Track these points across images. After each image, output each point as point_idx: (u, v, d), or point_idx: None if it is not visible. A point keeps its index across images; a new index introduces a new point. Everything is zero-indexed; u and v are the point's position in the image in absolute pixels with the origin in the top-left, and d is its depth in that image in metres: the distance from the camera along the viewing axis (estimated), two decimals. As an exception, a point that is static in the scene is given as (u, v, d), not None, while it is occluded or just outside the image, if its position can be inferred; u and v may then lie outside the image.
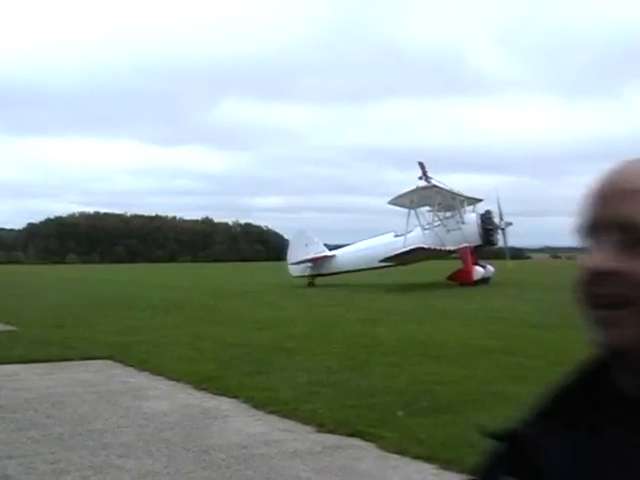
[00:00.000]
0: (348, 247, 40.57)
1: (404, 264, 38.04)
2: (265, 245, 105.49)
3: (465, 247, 35.89)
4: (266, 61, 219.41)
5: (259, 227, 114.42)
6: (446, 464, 6.77)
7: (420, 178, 36.06)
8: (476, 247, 36.88)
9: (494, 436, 1.14)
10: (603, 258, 1.03)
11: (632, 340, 1.00)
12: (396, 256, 35.32)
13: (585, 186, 1.10)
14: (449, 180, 35.96)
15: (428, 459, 6.94)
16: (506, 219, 37.42)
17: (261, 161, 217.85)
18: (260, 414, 8.97)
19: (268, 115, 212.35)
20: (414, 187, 35.56)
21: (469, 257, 35.84)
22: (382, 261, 35.90)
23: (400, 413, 8.59)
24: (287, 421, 8.56)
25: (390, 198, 36.90)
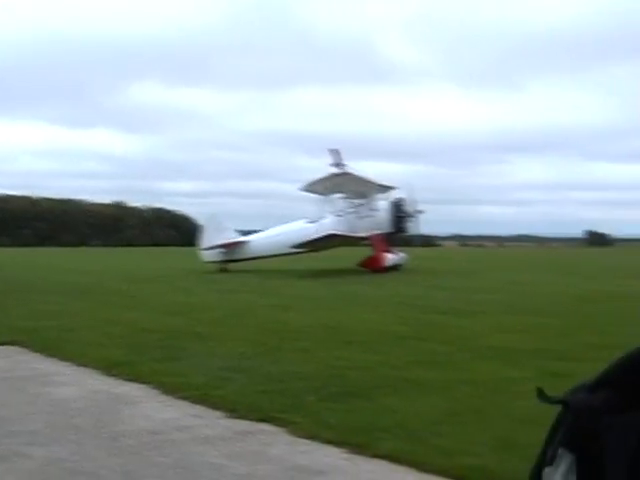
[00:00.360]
0: (261, 233, 40.41)
1: (316, 250, 38.11)
2: (178, 230, 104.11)
3: (377, 234, 36.23)
4: (176, 43, 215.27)
5: (171, 212, 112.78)
6: (357, 448, 6.84)
7: (333, 165, 36.20)
8: (388, 234, 37.28)
9: (551, 400, 1.10)
10: None
11: None
12: (308, 242, 35.37)
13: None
14: (362, 168, 36.11)
15: (339, 444, 6.99)
16: (418, 207, 37.92)
17: (170, 145, 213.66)
18: (171, 400, 8.88)
19: (177, 98, 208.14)
20: (327, 174, 35.66)
21: (381, 244, 36.19)
22: (294, 247, 35.88)
23: (311, 398, 8.64)
24: (198, 407, 8.50)
25: (303, 184, 36.93)
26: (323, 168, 36.53)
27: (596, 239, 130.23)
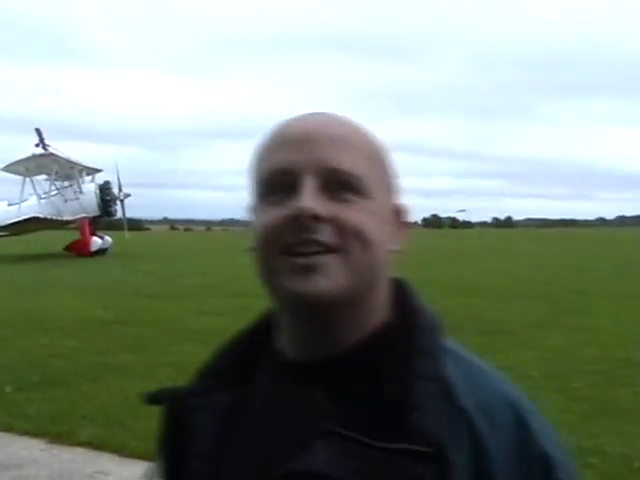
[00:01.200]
0: (-44, 215, 37.61)
1: (18, 234, 36.28)
2: None
3: (83, 217, 35.22)
4: None
5: None
6: (55, 438, 6.73)
7: (37, 145, 34.59)
8: (94, 218, 36.38)
9: (149, 400, 1.13)
10: (310, 203, 0.96)
11: (334, 286, 0.96)
12: (10, 225, 33.58)
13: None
14: (66, 149, 34.82)
15: (36, 434, 6.82)
16: (125, 190, 37.39)
17: None
18: None
19: None
20: (30, 154, 33.99)
21: (87, 228, 35.22)
22: (-6, 230, 33.94)
23: (8, 389, 8.30)
24: None
25: (3, 165, 34.89)
26: (22, 148, 34.78)
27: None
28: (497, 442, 0.96)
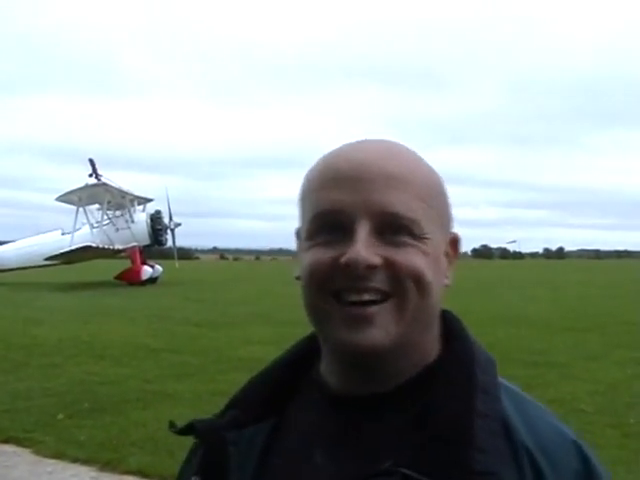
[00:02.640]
0: (11, 244, 38.38)
1: (71, 263, 36.89)
2: None
3: (134, 246, 35.69)
4: None
5: None
6: (105, 465, 6.75)
7: (90, 175, 35.21)
8: (145, 247, 36.85)
9: (177, 430, 1.09)
10: (364, 253, 0.93)
11: (388, 338, 0.95)
12: (63, 254, 34.15)
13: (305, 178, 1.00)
14: (115, 178, 35.27)
15: (86, 462, 6.86)
16: (175, 220, 37.81)
17: None
18: None
19: None
20: (83, 184, 34.62)
21: (137, 257, 35.67)
22: (48, 259, 34.52)
23: (59, 416, 8.40)
24: None
25: (58, 195, 35.56)
26: (71, 177, 35.38)
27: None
28: None
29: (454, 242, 1.06)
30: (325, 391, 1.04)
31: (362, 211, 0.95)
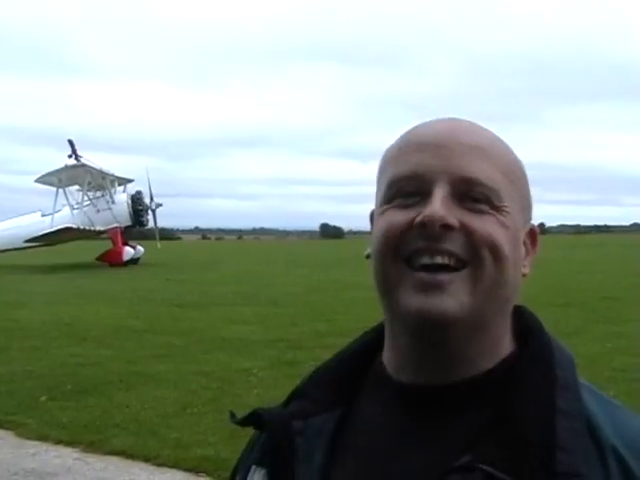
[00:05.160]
0: (-10, 226, 38.04)
1: (52, 244, 36.68)
2: None
3: (115, 227, 35.52)
4: None
5: None
6: (88, 447, 6.78)
7: (70, 156, 34.91)
8: (126, 228, 36.67)
9: (238, 420, 1.06)
10: (441, 210, 0.90)
11: (460, 307, 0.91)
12: (43, 236, 33.93)
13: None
14: (94, 160, 35.02)
15: (69, 443, 6.88)
16: (156, 200, 37.62)
17: None
18: None
19: None
20: (63, 165, 34.35)
21: (119, 238, 35.52)
22: (28, 241, 34.29)
23: (43, 398, 8.38)
24: None
25: (38, 176, 35.26)
26: (46, 159, 35.06)
27: (330, 232, 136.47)
28: None
29: (533, 234, 1.03)
30: (387, 379, 1.01)
31: (442, 175, 0.93)
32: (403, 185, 0.95)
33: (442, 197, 0.91)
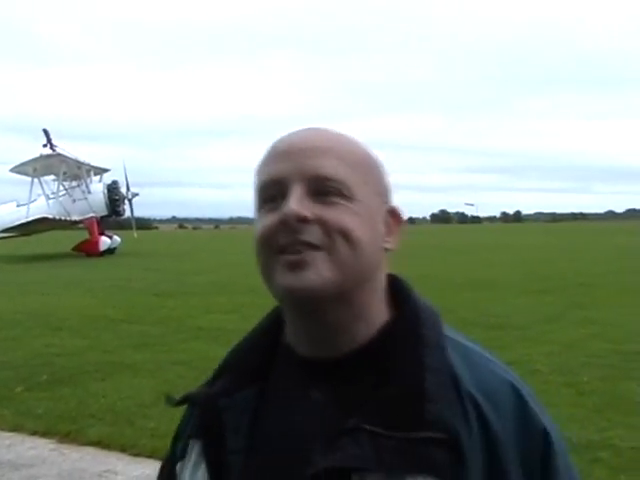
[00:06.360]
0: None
1: (27, 235, 36.43)
2: None
3: (91, 217, 35.32)
4: None
5: None
6: (64, 437, 6.75)
7: (45, 146, 34.65)
8: (102, 217, 36.48)
9: (174, 402, 1.19)
10: (295, 206, 1.04)
11: (322, 280, 1.03)
12: (19, 226, 33.71)
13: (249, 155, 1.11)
14: (70, 149, 34.81)
15: (45, 434, 6.84)
16: (132, 190, 37.40)
17: None
18: None
19: None
20: (38, 155, 34.06)
21: (95, 227, 35.32)
22: (3, 231, 34.06)
23: (18, 389, 8.33)
24: None
25: (12, 166, 34.94)
26: (17, 148, 34.77)
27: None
28: (502, 422, 1.04)
29: (393, 213, 1.15)
30: (292, 355, 1.14)
31: (295, 176, 1.07)
32: (266, 192, 1.10)
33: (297, 195, 1.05)
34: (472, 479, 0.99)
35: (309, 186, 1.06)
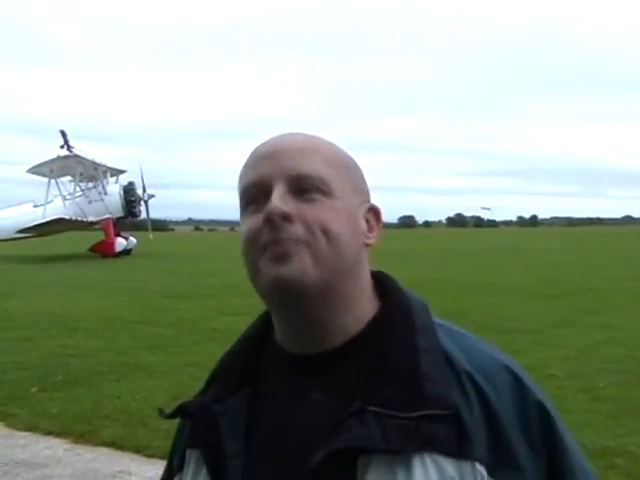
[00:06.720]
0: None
1: (44, 235, 36.59)
2: None
3: (107, 218, 35.45)
4: None
5: None
6: (78, 438, 6.76)
7: (62, 147, 34.81)
8: (118, 219, 36.61)
9: (169, 415, 1.21)
10: (277, 204, 1.08)
11: (305, 272, 1.07)
12: (35, 227, 33.85)
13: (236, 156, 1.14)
14: (86, 150, 34.99)
15: (60, 434, 6.85)
16: (148, 191, 37.53)
17: None
18: None
19: None
20: (55, 156, 34.23)
21: (111, 229, 35.45)
22: (20, 232, 34.20)
23: (33, 389, 8.37)
24: None
25: (30, 167, 35.13)
26: (36, 150, 34.95)
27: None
28: (499, 396, 1.07)
29: (373, 211, 1.20)
30: (282, 354, 1.17)
31: (277, 176, 1.11)
32: (249, 193, 1.14)
33: (279, 194, 1.09)
34: (477, 454, 1.02)
35: (290, 185, 1.10)
